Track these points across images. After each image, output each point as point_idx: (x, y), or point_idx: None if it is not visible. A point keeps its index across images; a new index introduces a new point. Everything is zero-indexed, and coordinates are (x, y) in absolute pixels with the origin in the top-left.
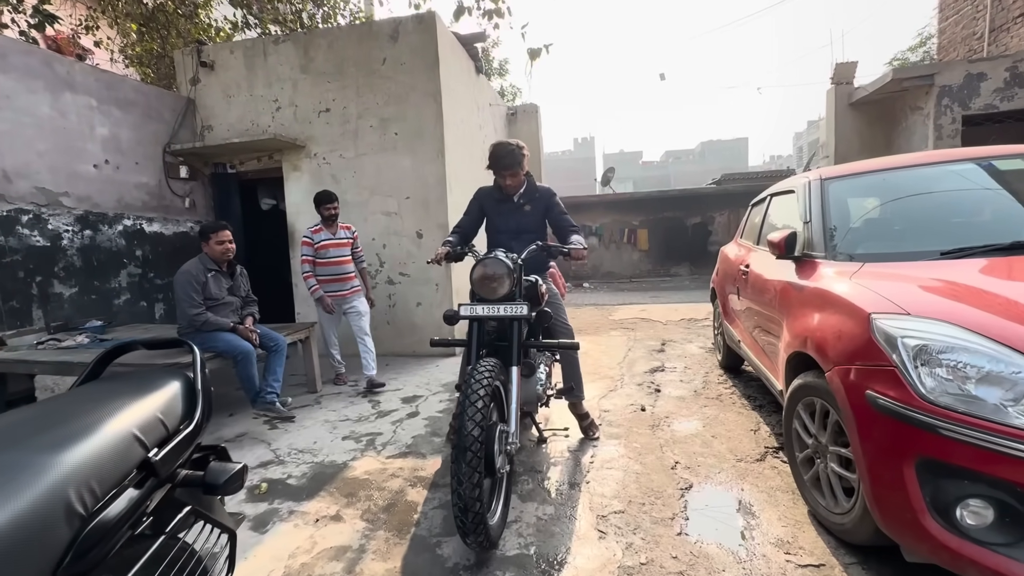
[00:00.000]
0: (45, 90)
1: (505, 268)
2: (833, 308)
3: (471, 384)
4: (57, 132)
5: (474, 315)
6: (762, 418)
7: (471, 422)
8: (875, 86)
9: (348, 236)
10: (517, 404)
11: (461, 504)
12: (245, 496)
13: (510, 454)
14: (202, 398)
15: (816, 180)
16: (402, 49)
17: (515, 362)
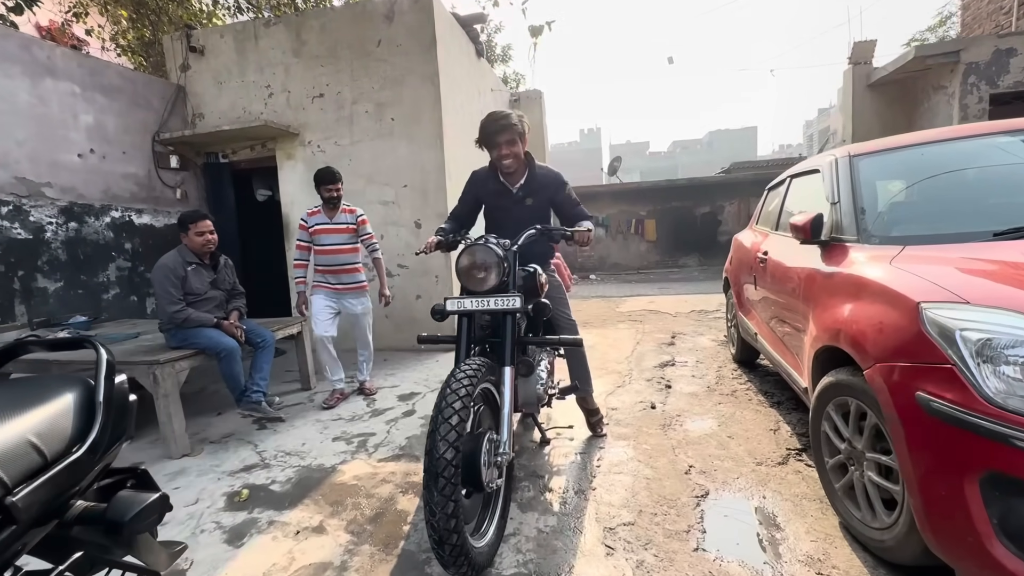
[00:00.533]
0: (23, 75)
1: (495, 256)
2: (871, 296)
3: (446, 395)
4: (38, 120)
5: (461, 309)
6: (781, 416)
7: (443, 442)
8: (896, 65)
9: (350, 222)
10: (510, 409)
11: (436, 536)
12: (224, 504)
13: (501, 466)
14: (103, 412)
15: (844, 157)
16: (398, 30)
17: (508, 361)
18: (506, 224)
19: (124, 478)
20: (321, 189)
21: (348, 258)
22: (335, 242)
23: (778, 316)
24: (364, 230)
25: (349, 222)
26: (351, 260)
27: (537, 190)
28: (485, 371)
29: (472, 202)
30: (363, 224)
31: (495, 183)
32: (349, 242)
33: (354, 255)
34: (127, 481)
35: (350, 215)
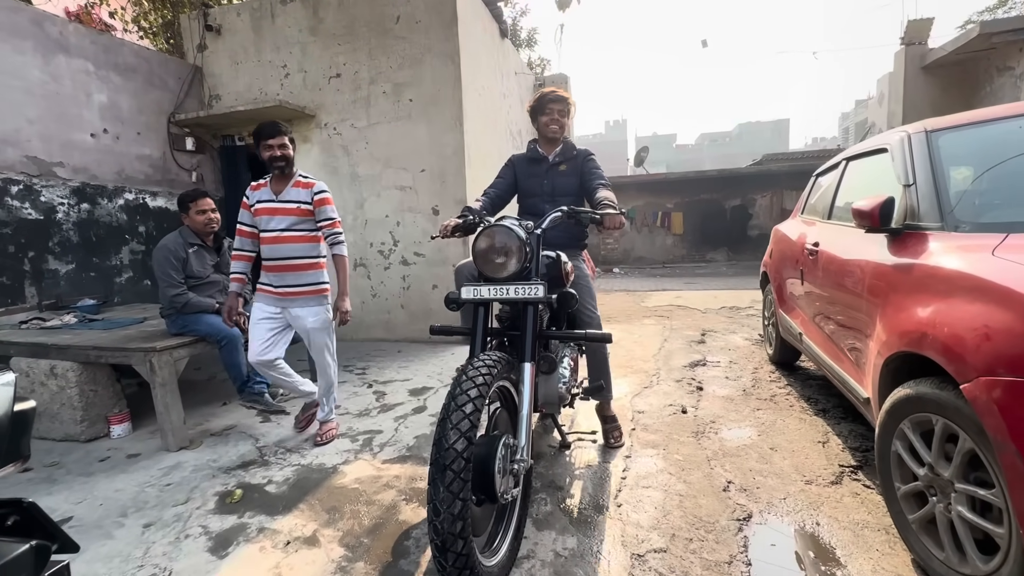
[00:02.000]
0: (35, 51)
1: (516, 239)
2: (970, 294)
3: (460, 382)
4: (49, 98)
5: (478, 298)
6: (830, 427)
7: (455, 431)
8: (955, 44)
9: (302, 200)
10: (530, 410)
11: (439, 541)
12: (215, 505)
13: (518, 475)
14: None
15: (920, 133)
16: (417, 6)
17: (528, 357)
18: (540, 187)
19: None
20: (261, 147)
21: (293, 249)
22: (278, 227)
23: (831, 315)
24: (324, 213)
25: (301, 200)
26: (299, 253)
27: (570, 158)
28: (504, 367)
29: (511, 177)
30: (322, 205)
31: (533, 153)
32: (298, 227)
33: (303, 246)
34: (7, 518)
35: (304, 191)
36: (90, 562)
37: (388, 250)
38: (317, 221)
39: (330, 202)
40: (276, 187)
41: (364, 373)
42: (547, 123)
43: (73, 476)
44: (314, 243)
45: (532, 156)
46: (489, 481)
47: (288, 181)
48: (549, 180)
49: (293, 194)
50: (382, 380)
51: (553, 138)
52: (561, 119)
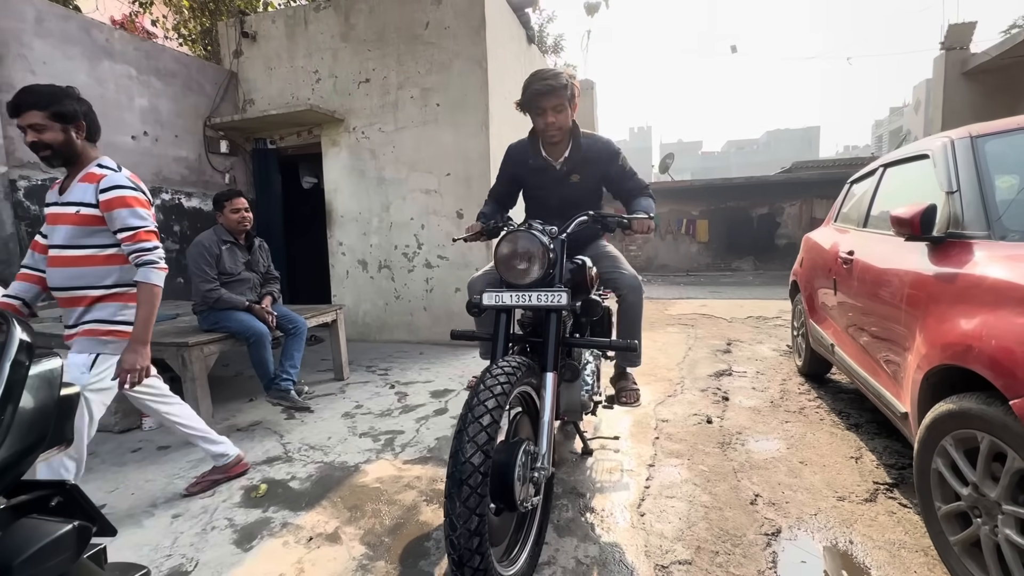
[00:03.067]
0: (83, 57)
1: (539, 245)
2: (1020, 306)
3: (478, 391)
4: (94, 101)
5: (500, 304)
6: (863, 442)
7: (471, 444)
8: (1000, 49)
9: (82, 203)
10: (551, 419)
11: (455, 556)
12: (241, 499)
13: (539, 482)
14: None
15: (964, 138)
16: (446, 12)
17: (551, 366)
18: (549, 205)
19: (47, 495)
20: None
21: (71, 276)
22: (55, 241)
23: (866, 326)
24: (117, 219)
25: (83, 202)
26: (79, 281)
27: (584, 164)
28: (525, 371)
29: (509, 181)
30: (113, 209)
31: (536, 158)
32: (80, 242)
33: (86, 272)
34: (51, 499)
35: (86, 187)
36: (121, 548)
37: (412, 253)
38: (119, 231)
39: (130, 203)
40: (64, 182)
41: (386, 374)
42: (544, 127)
43: (107, 465)
44: (107, 266)
45: (535, 163)
46: (508, 489)
47: (77, 172)
48: (557, 193)
49: (76, 192)
50: (404, 381)
51: (554, 143)
52: (560, 116)
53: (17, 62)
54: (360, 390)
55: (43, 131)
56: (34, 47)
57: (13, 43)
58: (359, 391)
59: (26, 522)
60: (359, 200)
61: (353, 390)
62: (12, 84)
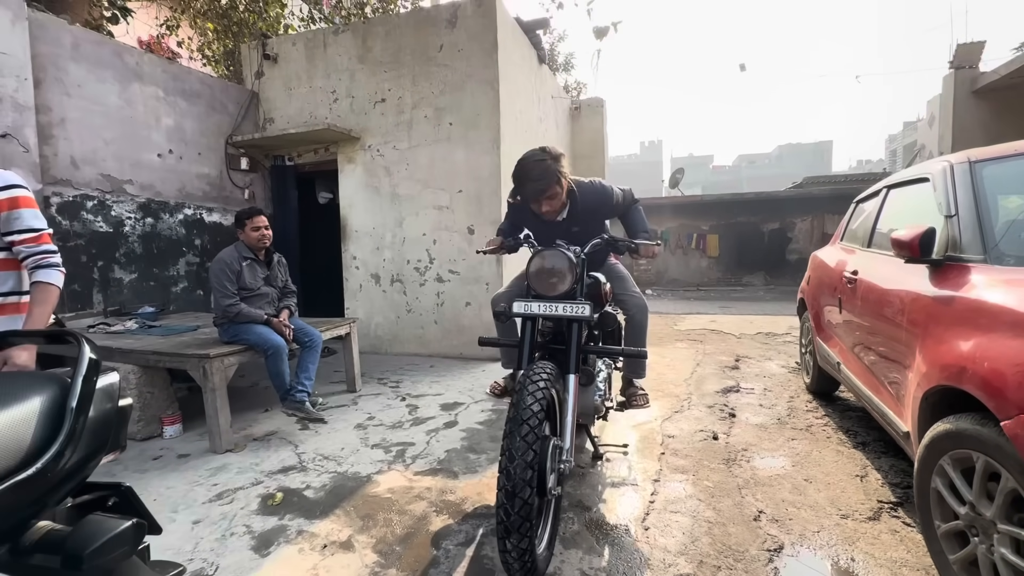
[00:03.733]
0: (114, 80)
1: (567, 262)
2: (1012, 330)
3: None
4: (124, 121)
5: (529, 313)
6: (869, 461)
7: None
8: (1008, 68)
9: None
10: (573, 418)
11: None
12: (258, 507)
13: (563, 473)
14: (72, 419)
15: (963, 163)
16: (460, 35)
17: (573, 369)
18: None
19: (105, 495)
20: None
21: None
22: None
23: (870, 345)
24: (16, 221)
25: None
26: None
27: (583, 215)
28: (554, 376)
29: (519, 224)
30: (14, 208)
31: (536, 218)
32: None
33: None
34: (109, 499)
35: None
36: None
37: (424, 267)
38: (4, 234)
39: (32, 203)
40: None
41: (397, 386)
42: (541, 213)
43: (129, 472)
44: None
45: (537, 222)
46: (542, 477)
47: None
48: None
49: None
50: (415, 394)
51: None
52: (553, 201)
53: (54, 85)
54: (372, 402)
55: None
56: (70, 71)
57: (51, 67)
58: (371, 403)
59: (92, 518)
60: (373, 215)
61: (365, 402)
62: (49, 106)
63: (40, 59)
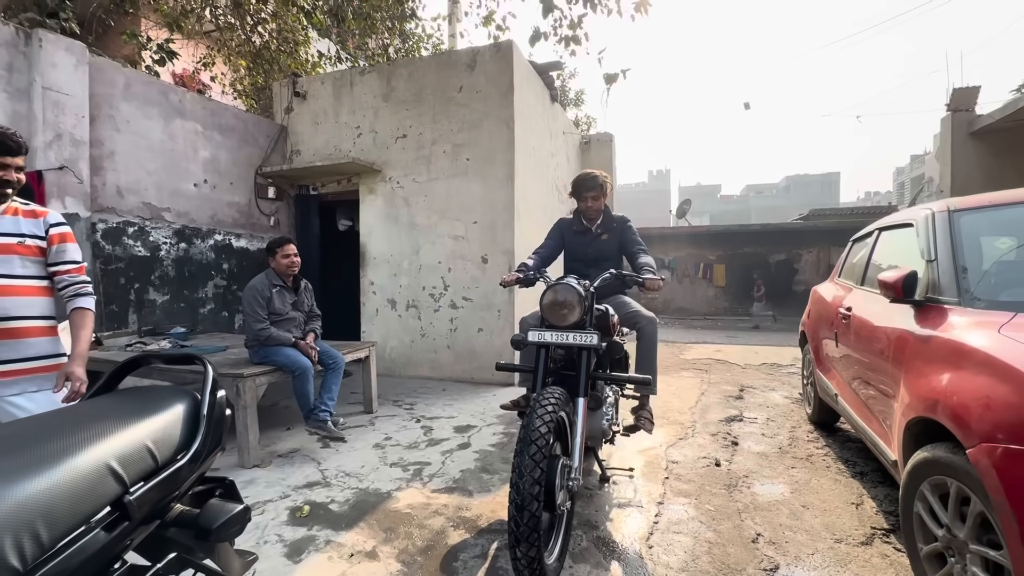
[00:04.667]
0: (159, 116)
1: (576, 295)
2: (975, 367)
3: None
4: (165, 153)
5: (542, 341)
6: (865, 490)
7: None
8: (1005, 112)
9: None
10: (582, 439)
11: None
12: (287, 518)
13: (572, 490)
14: (206, 424)
15: (943, 212)
16: (478, 77)
17: (582, 393)
18: (586, 256)
19: (214, 487)
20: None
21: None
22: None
23: (862, 378)
24: (66, 253)
25: (26, 234)
26: (23, 311)
27: (610, 228)
28: (563, 401)
29: (557, 239)
30: (64, 242)
31: (578, 225)
32: (21, 274)
33: (32, 301)
34: (216, 490)
35: (31, 221)
36: None
37: (439, 294)
38: (51, 264)
39: (73, 239)
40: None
41: (412, 408)
42: (585, 209)
43: None
44: (33, 296)
45: (577, 228)
46: (551, 493)
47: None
48: (592, 248)
49: (7, 224)
50: (429, 416)
51: (591, 218)
52: (596, 203)
53: (106, 121)
54: (388, 423)
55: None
56: (121, 108)
57: (104, 105)
58: (387, 424)
59: (213, 502)
60: (391, 243)
61: (382, 423)
62: (101, 140)
63: (96, 98)
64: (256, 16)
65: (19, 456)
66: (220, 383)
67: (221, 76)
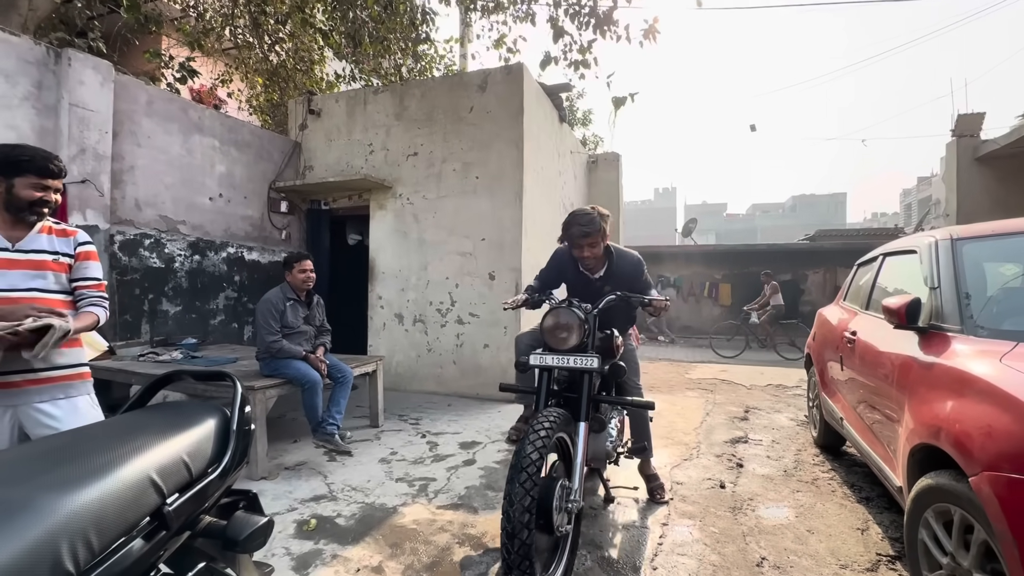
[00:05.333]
0: (179, 132)
1: (576, 319)
2: (977, 395)
3: (527, 439)
4: (183, 168)
5: (543, 364)
6: (871, 515)
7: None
8: (1011, 138)
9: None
10: (583, 461)
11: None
12: (294, 531)
13: (571, 512)
14: (235, 439)
15: (946, 240)
16: (489, 98)
17: (583, 417)
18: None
19: (238, 499)
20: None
21: None
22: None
23: (867, 402)
24: (89, 270)
25: (59, 251)
26: None
27: (616, 277)
28: (562, 421)
29: (556, 277)
30: (89, 260)
31: (576, 272)
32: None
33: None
34: (240, 502)
35: (62, 240)
36: None
37: (446, 309)
38: (73, 279)
39: (96, 257)
40: (9, 232)
41: (417, 423)
42: (580, 258)
43: None
44: (74, 311)
45: (576, 275)
46: (548, 515)
47: (31, 226)
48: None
49: (43, 242)
50: (434, 431)
51: (590, 268)
52: (594, 249)
53: (128, 137)
54: (394, 437)
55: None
56: (142, 124)
57: (127, 121)
58: (393, 438)
59: (239, 515)
60: (400, 259)
61: (388, 437)
62: (122, 155)
63: (119, 114)
64: (274, 36)
65: (72, 466)
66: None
67: (238, 92)
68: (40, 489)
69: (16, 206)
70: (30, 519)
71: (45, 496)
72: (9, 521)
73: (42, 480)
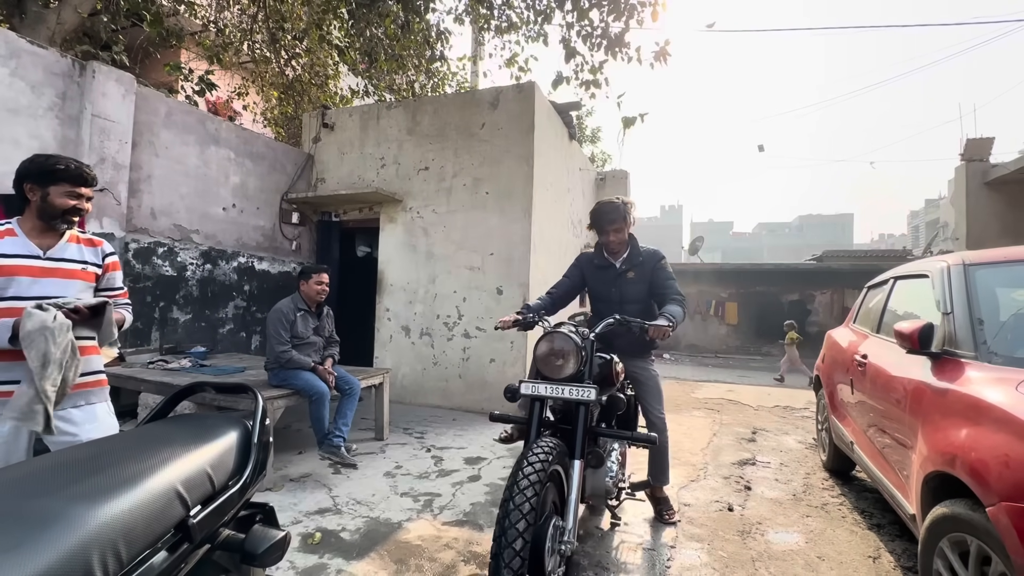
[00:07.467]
0: (196, 143)
1: (572, 345)
2: (994, 424)
3: (517, 479)
4: (199, 178)
5: (535, 394)
6: (882, 543)
7: (513, 530)
8: (1021, 163)
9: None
10: (577, 500)
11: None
12: (299, 544)
13: (564, 555)
14: (256, 452)
15: (958, 265)
16: (500, 115)
17: (578, 454)
18: (611, 299)
19: (255, 512)
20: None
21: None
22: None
23: (879, 426)
24: (116, 280)
25: (88, 261)
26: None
27: (638, 265)
28: (556, 454)
29: (578, 279)
30: (116, 270)
31: (600, 259)
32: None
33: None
34: (257, 516)
35: (91, 250)
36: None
37: (452, 323)
38: (101, 289)
39: (120, 267)
40: (42, 238)
41: (423, 437)
42: (606, 242)
43: None
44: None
45: (599, 263)
46: (540, 561)
47: (61, 235)
48: (617, 288)
49: (72, 251)
50: (439, 446)
51: (614, 252)
52: (619, 234)
53: (147, 147)
54: (399, 451)
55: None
56: (161, 135)
57: (146, 132)
58: (398, 452)
59: (257, 528)
60: (408, 271)
61: (393, 451)
62: (140, 165)
63: (139, 125)
64: (291, 51)
65: (102, 477)
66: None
67: (253, 105)
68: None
69: (50, 214)
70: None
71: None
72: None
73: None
